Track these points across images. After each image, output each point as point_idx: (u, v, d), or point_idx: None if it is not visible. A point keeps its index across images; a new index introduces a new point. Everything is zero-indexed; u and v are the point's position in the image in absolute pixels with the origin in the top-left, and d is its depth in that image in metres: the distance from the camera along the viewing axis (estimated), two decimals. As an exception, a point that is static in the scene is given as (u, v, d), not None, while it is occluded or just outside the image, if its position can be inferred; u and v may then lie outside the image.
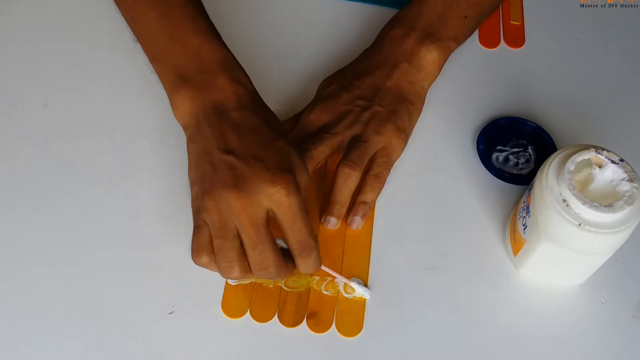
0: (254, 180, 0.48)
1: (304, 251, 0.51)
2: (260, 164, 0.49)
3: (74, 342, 0.54)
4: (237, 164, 0.49)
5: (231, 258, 0.50)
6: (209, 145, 0.51)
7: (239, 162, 0.49)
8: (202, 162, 0.51)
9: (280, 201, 0.49)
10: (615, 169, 0.50)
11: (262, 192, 0.48)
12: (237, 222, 0.49)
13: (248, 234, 0.49)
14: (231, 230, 0.49)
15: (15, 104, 0.66)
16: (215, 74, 0.53)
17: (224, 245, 0.49)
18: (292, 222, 0.50)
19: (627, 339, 0.55)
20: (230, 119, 0.52)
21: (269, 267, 0.50)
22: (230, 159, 0.50)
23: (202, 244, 0.50)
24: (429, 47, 0.64)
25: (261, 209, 0.49)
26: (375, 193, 0.60)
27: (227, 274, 0.50)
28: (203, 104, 0.52)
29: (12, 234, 0.58)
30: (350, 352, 0.54)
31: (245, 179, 0.49)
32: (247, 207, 0.48)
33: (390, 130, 0.61)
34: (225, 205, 0.48)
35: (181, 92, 0.53)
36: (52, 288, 0.56)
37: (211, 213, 0.49)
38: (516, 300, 0.57)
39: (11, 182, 0.61)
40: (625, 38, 0.73)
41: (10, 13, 0.72)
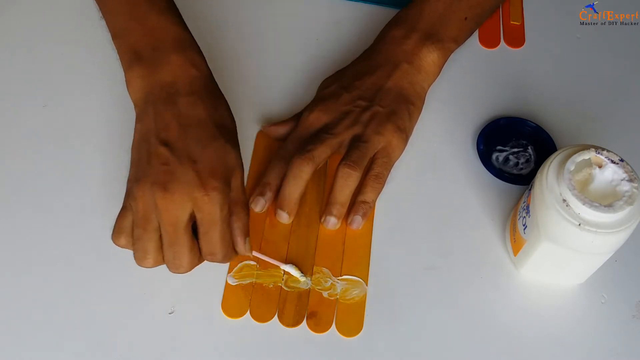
0: (182, 181, 0.49)
1: (212, 258, 0.52)
2: (192, 166, 0.50)
3: (74, 342, 0.54)
4: (171, 159, 0.50)
5: (147, 249, 0.51)
6: (150, 131, 0.52)
7: (173, 158, 0.50)
8: (142, 147, 0.52)
9: (202, 207, 0.50)
10: (615, 169, 0.50)
11: (188, 195, 0.49)
12: (159, 218, 0.50)
13: (167, 232, 0.50)
14: (152, 224, 0.50)
15: (15, 104, 0.66)
16: (168, 53, 0.54)
17: (143, 236, 0.50)
18: (207, 229, 0.50)
19: (627, 339, 0.55)
20: (176, 106, 0.52)
21: (180, 268, 0.51)
22: (165, 152, 0.50)
23: (123, 226, 0.52)
24: (429, 48, 0.64)
25: (184, 210, 0.49)
26: (375, 193, 0.60)
27: (139, 262, 0.51)
28: (153, 83, 0.53)
29: (11, 234, 0.58)
30: (350, 352, 0.54)
31: (175, 179, 0.49)
32: (171, 207, 0.49)
33: (390, 131, 0.61)
34: (151, 199, 0.49)
35: (134, 69, 0.54)
36: (52, 288, 0.56)
37: (137, 202, 0.50)
38: (516, 300, 0.57)
39: (11, 182, 0.61)
40: (625, 38, 0.73)
41: (10, 13, 0.72)
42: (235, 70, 0.69)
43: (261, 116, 0.66)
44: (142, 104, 0.53)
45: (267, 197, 0.59)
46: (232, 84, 0.68)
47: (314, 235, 0.59)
